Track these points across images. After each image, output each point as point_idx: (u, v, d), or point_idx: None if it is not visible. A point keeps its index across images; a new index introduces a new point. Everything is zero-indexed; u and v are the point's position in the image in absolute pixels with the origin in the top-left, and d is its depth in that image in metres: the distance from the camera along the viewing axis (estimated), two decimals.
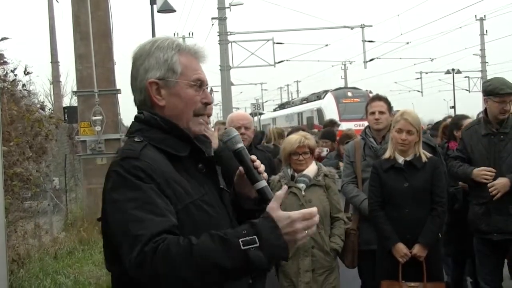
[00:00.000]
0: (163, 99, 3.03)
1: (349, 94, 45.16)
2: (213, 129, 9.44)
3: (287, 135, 8.48)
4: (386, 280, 6.75)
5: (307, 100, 53.91)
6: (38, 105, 12.96)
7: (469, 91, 68.38)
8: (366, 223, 7.27)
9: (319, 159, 11.01)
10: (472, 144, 7.36)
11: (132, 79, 3.05)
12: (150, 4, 24.68)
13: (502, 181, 6.93)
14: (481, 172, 7.06)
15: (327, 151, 12.11)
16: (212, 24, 40.01)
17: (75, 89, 17.76)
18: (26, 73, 12.24)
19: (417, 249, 6.61)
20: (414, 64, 68.23)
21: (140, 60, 3.03)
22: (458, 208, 7.85)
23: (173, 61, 3.03)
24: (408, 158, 6.75)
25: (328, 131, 13.68)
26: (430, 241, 6.67)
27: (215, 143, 5.33)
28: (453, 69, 66.11)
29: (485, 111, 7.30)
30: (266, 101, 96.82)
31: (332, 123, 16.83)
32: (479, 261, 7.53)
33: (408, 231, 6.62)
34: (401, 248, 6.63)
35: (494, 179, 6.98)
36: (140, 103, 3.07)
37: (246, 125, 7.15)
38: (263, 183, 3.06)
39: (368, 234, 7.23)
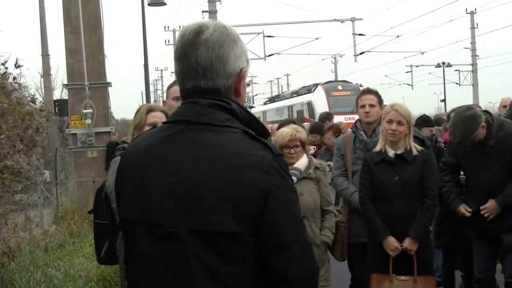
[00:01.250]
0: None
1: (340, 87, 45.21)
2: None
3: (277, 128, 8.46)
4: (376, 273, 6.78)
5: (297, 93, 53.92)
6: (29, 98, 12.90)
7: (459, 85, 68.47)
8: (356, 216, 7.30)
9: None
10: (459, 154, 7.49)
11: (217, 63, 2.77)
12: None
13: (492, 205, 7.09)
14: (462, 211, 7.42)
15: (313, 149, 12.14)
16: (203, 17, 39.98)
17: (65, 82, 17.70)
18: (17, 66, 12.21)
19: (407, 243, 6.64)
20: (405, 58, 68.42)
21: (227, 44, 2.80)
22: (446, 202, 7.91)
23: (247, 53, 2.95)
24: (398, 151, 6.77)
25: (316, 125, 13.66)
26: (421, 235, 6.70)
27: None
28: (443, 63, 66.29)
29: None
30: (256, 95, 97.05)
31: (328, 116, 16.79)
32: (474, 250, 7.61)
33: (398, 224, 6.65)
34: (391, 242, 6.66)
35: (482, 188, 7.16)
36: (225, 90, 2.83)
37: None
38: None
39: (358, 227, 7.26)
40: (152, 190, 2.71)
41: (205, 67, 2.77)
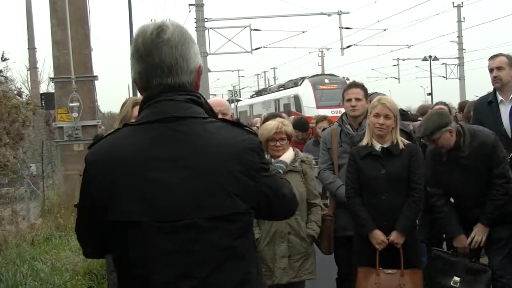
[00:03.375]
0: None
1: (326, 81, 45.19)
2: None
3: (263, 121, 8.47)
4: (363, 267, 6.80)
5: (284, 87, 53.86)
6: (15, 92, 12.85)
7: (446, 78, 68.55)
8: (342, 210, 7.30)
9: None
10: (435, 160, 7.33)
11: (181, 60, 2.96)
12: None
13: (478, 229, 7.01)
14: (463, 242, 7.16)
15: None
16: (189, 11, 40.02)
17: (52, 75, 17.69)
18: (3, 59, 12.21)
19: (394, 236, 6.65)
20: (391, 51, 68.85)
21: (187, 42, 2.98)
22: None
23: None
24: (385, 145, 6.78)
25: (300, 121, 13.57)
26: (407, 228, 6.71)
27: None
28: (430, 56, 66.31)
29: None
30: (243, 88, 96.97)
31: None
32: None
33: (385, 218, 6.67)
34: (378, 235, 6.68)
35: (469, 202, 7.10)
36: (190, 85, 3.01)
37: (223, 111, 7.10)
38: None
39: (344, 220, 7.27)
40: (160, 189, 2.78)
41: (170, 65, 2.94)
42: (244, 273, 2.91)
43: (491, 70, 7.92)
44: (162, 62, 2.92)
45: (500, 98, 7.90)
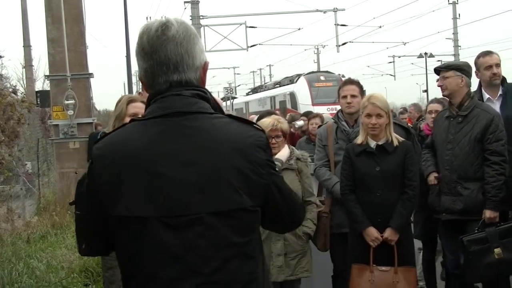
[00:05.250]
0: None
1: (322, 78, 45.28)
2: None
3: (258, 119, 8.46)
4: (357, 264, 6.80)
5: (279, 84, 53.94)
6: (11, 89, 12.86)
7: None
8: (338, 207, 7.31)
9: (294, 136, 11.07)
10: (436, 127, 7.56)
11: (187, 57, 2.96)
12: None
13: (489, 213, 6.98)
14: (430, 178, 7.45)
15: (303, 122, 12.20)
16: (185, 8, 39.99)
17: (47, 73, 17.70)
18: None
19: (388, 233, 6.64)
20: (387, 48, 68.56)
21: (192, 39, 2.99)
22: (423, 190, 7.95)
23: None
24: (380, 142, 6.78)
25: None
26: (401, 225, 6.70)
27: None
28: (425, 53, 66.36)
29: None
30: (239, 85, 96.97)
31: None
32: (442, 243, 7.67)
33: (379, 215, 6.65)
34: (372, 232, 6.67)
35: (451, 161, 7.18)
36: (196, 81, 3.01)
37: None
38: None
39: (340, 217, 7.27)
40: (168, 184, 2.79)
41: (176, 62, 2.94)
42: (251, 273, 2.91)
43: (489, 67, 7.86)
44: (167, 59, 2.93)
45: (486, 96, 7.88)
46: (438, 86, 7.41)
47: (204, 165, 2.80)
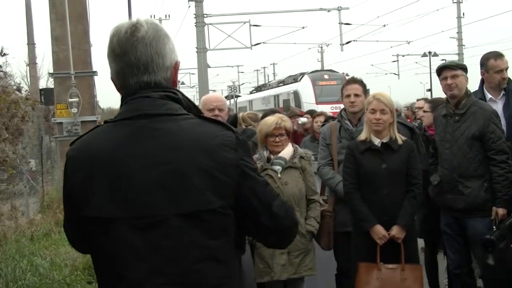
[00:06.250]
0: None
1: (326, 76, 45.30)
2: None
3: (262, 117, 8.46)
4: (364, 262, 6.80)
5: (283, 82, 53.93)
6: (15, 87, 12.92)
7: None
8: (342, 205, 7.30)
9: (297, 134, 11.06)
10: (436, 125, 7.59)
11: (157, 57, 2.97)
12: None
13: (498, 211, 6.98)
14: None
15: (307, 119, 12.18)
16: (189, 6, 40.11)
17: (51, 71, 17.69)
18: (2, 54, 12.25)
19: (395, 231, 6.66)
20: (391, 47, 68.75)
21: (162, 39, 3.00)
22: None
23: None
24: (384, 140, 6.79)
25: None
26: (408, 223, 6.74)
27: None
28: (429, 52, 66.29)
29: None
30: (242, 84, 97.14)
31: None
32: (446, 245, 7.65)
33: (386, 213, 6.67)
34: (379, 230, 6.67)
35: (450, 160, 7.19)
36: (166, 82, 3.03)
37: (220, 106, 7.09)
38: None
39: (344, 216, 7.27)
40: (134, 185, 2.79)
41: (146, 63, 2.95)
42: (221, 277, 2.89)
43: (500, 71, 7.82)
44: (137, 61, 2.95)
45: (489, 95, 7.86)
46: (448, 84, 7.31)
47: (170, 167, 2.81)
